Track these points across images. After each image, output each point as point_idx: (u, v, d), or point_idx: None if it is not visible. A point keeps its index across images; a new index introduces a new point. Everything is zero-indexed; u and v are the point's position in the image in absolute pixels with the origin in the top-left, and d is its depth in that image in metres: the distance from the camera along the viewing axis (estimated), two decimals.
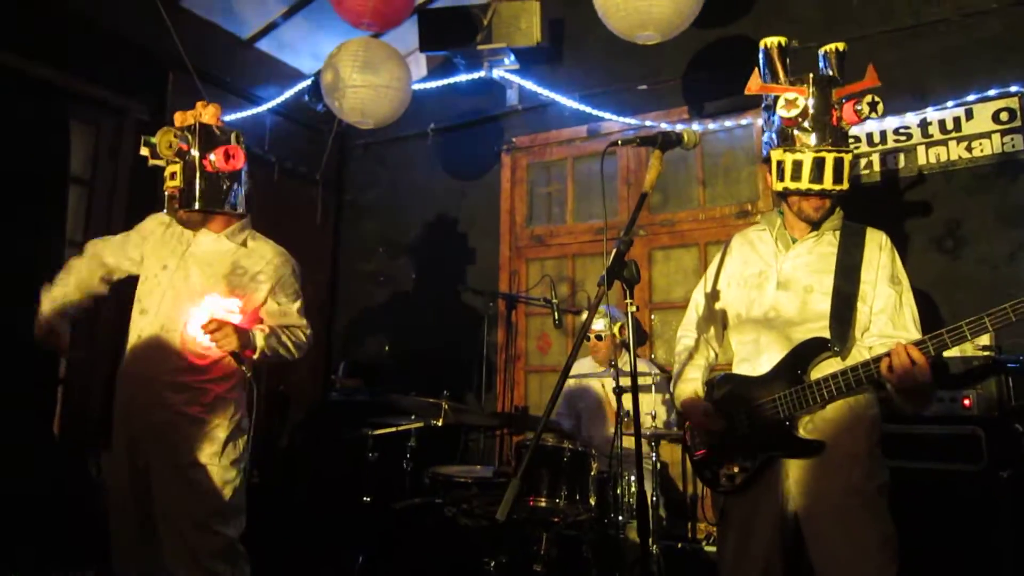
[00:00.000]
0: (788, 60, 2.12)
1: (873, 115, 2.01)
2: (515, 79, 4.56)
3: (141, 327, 2.34)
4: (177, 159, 2.29)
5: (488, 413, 3.99)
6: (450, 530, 2.89)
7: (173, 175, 2.30)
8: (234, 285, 2.36)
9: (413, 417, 3.38)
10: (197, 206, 2.30)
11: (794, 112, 2.00)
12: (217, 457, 2.26)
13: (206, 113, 2.34)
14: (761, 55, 2.15)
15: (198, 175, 2.29)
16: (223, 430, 2.29)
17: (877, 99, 2.01)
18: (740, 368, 2.16)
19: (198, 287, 2.32)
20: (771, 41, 2.13)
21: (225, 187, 2.34)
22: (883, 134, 3.60)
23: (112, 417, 2.35)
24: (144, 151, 2.35)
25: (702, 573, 3.10)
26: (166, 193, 2.34)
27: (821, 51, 2.15)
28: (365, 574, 3.00)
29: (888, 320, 2.00)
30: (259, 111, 4.62)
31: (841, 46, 2.13)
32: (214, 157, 2.30)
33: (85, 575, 2.94)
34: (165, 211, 2.39)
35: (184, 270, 2.35)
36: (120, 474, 2.29)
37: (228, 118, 4.38)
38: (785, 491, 2.00)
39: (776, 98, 2.04)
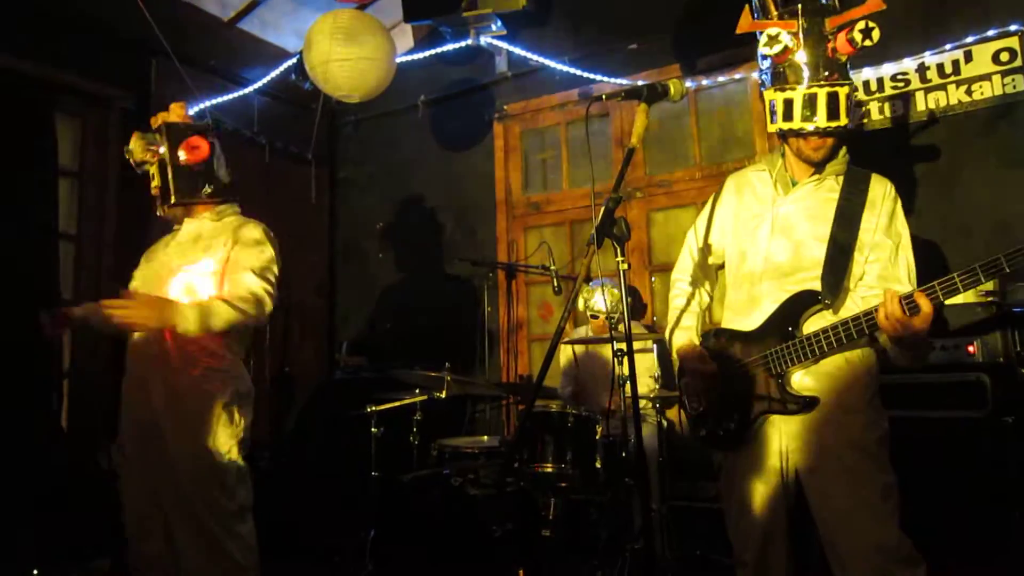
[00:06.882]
0: None
1: (868, 42, 1.84)
2: (503, 45, 4.48)
3: None
4: (152, 161, 2.39)
5: (491, 383, 3.99)
6: (458, 499, 2.92)
7: (152, 176, 2.41)
8: (202, 250, 2.36)
9: (417, 391, 3.40)
10: (173, 200, 2.38)
11: (777, 48, 1.89)
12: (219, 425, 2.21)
13: (172, 112, 2.43)
14: None
15: (170, 172, 2.37)
16: (220, 401, 2.22)
17: (871, 24, 1.84)
18: (732, 320, 2.11)
19: (174, 264, 2.36)
20: None
21: (200, 178, 2.40)
22: (880, 81, 3.52)
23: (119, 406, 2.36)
24: (131, 160, 2.44)
25: (711, 531, 3.11)
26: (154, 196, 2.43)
27: None
28: (377, 547, 3.03)
29: (880, 271, 1.94)
30: (246, 92, 4.56)
31: None
32: (181, 152, 2.38)
33: (101, 565, 2.99)
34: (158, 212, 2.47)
35: (167, 255, 2.41)
36: (136, 456, 2.29)
37: (215, 101, 4.37)
38: (783, 447, 1.97)
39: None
